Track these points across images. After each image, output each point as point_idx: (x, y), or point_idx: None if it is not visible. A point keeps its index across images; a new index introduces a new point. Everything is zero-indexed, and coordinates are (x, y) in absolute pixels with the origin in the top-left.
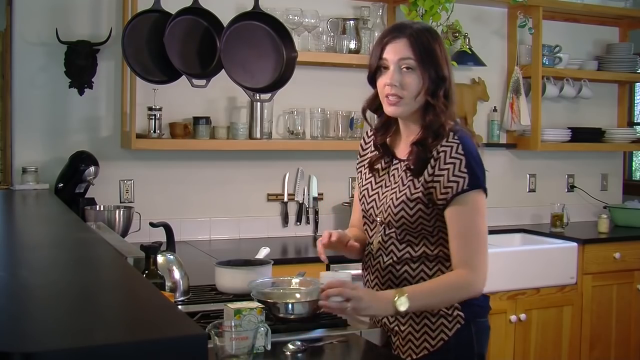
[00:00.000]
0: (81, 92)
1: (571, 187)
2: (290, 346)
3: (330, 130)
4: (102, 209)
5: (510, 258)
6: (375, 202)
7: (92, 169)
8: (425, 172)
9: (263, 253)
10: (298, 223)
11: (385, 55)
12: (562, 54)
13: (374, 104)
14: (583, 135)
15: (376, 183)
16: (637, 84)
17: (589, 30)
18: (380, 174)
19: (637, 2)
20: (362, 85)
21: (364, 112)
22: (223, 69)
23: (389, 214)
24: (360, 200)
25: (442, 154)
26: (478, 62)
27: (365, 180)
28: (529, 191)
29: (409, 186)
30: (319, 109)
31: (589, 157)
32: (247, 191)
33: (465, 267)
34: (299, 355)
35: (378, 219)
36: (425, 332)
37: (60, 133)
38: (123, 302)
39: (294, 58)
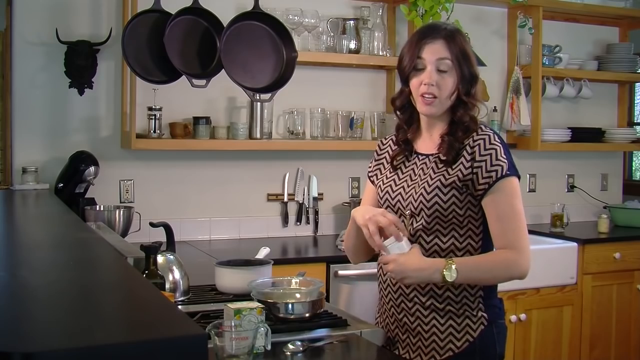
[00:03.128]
0: (81, 92)
1: (571, 187)
2: (290, 346)
3: (330, 130)
4: (102, 209)
5: None
6: (402, 195)
7: (92, 169)
8: (463, 159)
9: (263, 253)
10: (298, 223)
11: (423, 55)
12: (562, 54)
13: (402, 100)
14: (583, 135)
15: (400, 179)
16: (637, 84)
17: (589, 30)
18: (404, 171)
19: (637, 2)
20: (362, 85)
21: (393, 105)
22: (223, 69)
23: (421, 201)
24: (382, 198)
25: (479, 142)
26: (478, 62)
27: (387, 179)
28: (529, 191)
29: (442, 174)
30: (319, 109)
31: (589, 157)
32: (247, 191)
33: (510, 249)
34: (299, 355)
35: (407, 211)
36: (451, 332)
37: (60, 133)
38: (123, 302)
39: (294, 58)
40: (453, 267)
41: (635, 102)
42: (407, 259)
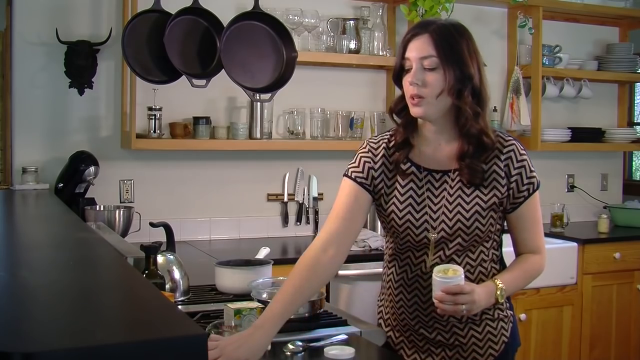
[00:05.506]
0: (81, 92)
1: (571, 187)
2: (290, 346)
3: (330, 130)
4: (102, 209)
5: (510, 258)
6: (430, 217)
7: (92, 169)
8: (497, 177)
9: (263, 253)
10: (298, 223)
11: (408, 54)
12: (562, 54)
13: (399, 104)
14: (583, 135)
15: (419, 198)
16: (637, 84)
17: (589, 30)
18: (419, 191)
19: (637, 2)
20: (362, 85)
21: (390, 113)
22: (223, 69)
23: (459, 228)
24: (401, 218)
25: (510, 155)
26: None
27: (402, 196)
28: None
29: (478, 196)
30: (319, 109)
31: (589, 157)
32: (247, 191)
33: (536, 253)
34: (299, 355)
35: (433, 236)
36: (489, 338)
37: (60, 133)
38: (123, 302)
39: (294, 58)
40: (501, 286)
41: (635, 102)
42: (478, 287)
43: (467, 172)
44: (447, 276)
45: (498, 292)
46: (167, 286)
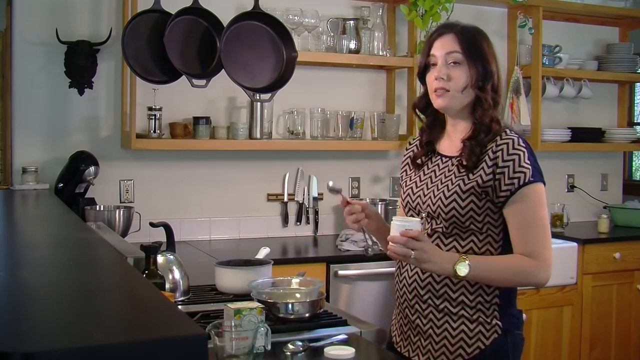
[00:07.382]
0: (81, 92)
1: (571, 187)
2: (290, 346)
3: (330, 130)
4: (102, 209)
5: None
6: (421, 197)
7: (92, 169)
8: (484, 164)
9: (263, 253)
10: (298, 223)
11: (433, 51)
12: (562, 54)
13: (422, 102)
14: (583, 135)
15: (421, 181)
16: (637, 84)
17: (589, 30)
18: (426, 172)
19: (637, 2)
20: (362, 85)
21: (413, 108)
22: (223, 69)
23: (439, 206)
24: (404, 199)
25: (503, 146)
26: None
27: (410, 180)
28: None
29: (462, 179)
30: (319, 109)
31: (589, 157)
32: (247, 191)
33: (532, 258)
34: (299, 355)
35: (424, 213)
36: (462, 338)
37: (60, 133)
38: (123, 302)
39: (294, 58)
40: (466, 262)
41: (635, 102)
42: (432, 245)
43: (466, 152)
44: (403, 220)
45: (458, 265)
46: (167, 286)
